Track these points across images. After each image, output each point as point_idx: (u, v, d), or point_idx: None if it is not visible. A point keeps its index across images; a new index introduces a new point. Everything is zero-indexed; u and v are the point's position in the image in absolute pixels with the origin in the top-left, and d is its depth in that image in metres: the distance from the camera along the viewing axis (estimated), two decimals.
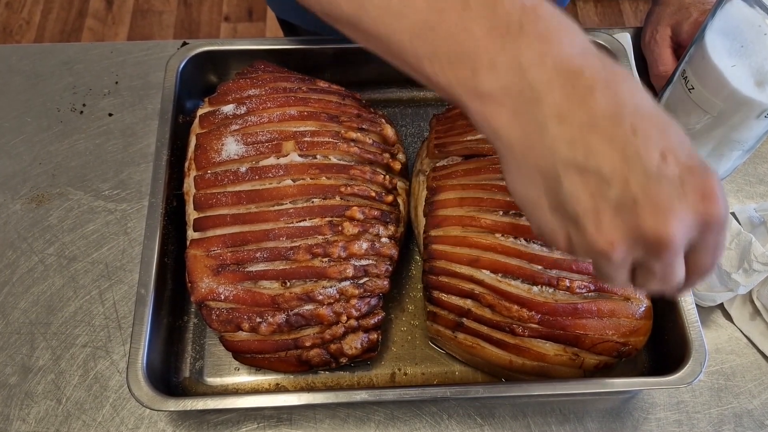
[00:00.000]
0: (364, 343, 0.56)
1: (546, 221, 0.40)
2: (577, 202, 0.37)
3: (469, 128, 0.62)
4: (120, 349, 0.62)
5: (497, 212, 0.57)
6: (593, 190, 0.37)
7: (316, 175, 0.58)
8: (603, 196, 0.36)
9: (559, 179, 0.37)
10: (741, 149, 0.64)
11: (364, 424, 0.59)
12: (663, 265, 0.38)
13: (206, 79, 0.73)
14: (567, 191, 0.37)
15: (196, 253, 0.56)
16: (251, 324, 0.54)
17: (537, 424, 0.59)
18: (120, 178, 0.71)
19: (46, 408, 0.59)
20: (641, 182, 0.35)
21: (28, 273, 0.66)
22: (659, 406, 0.60)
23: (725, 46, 0.58)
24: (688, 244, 0.37)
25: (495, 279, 0.55)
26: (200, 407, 0.53)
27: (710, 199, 0.36)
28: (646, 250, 0.37)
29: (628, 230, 0.36)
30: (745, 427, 0.59)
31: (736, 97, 0.57)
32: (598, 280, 0.54)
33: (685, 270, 0.39)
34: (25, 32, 2.00)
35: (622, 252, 0.37)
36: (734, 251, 0.61)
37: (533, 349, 0.54)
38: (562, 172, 0.37)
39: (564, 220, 0.39)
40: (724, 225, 0.37)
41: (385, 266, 0.57)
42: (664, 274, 0.39)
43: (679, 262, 0.38)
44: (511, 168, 0.40)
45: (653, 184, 0.35)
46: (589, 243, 0.38)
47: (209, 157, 0.59)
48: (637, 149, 0.35)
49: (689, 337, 0.54)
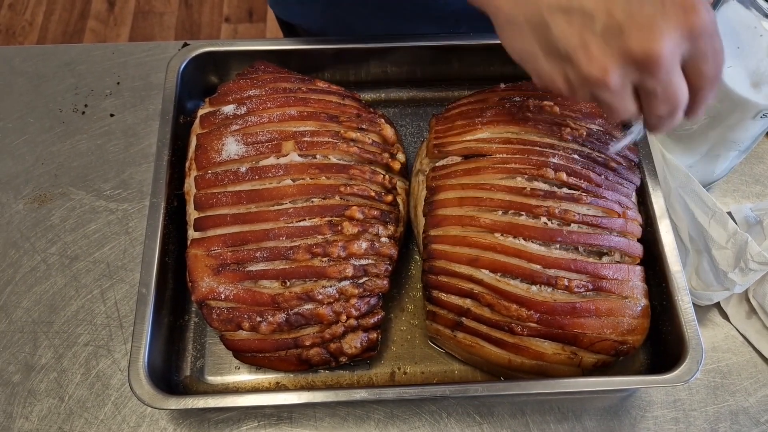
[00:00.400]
0: (364, 342, 0.56)
1: (543, 68, 0.44)
2: (567, 40, 0.41)
3: (469, 128, 0.62)
4: (121, 347, 0.62)
5: (496, 212, 0.57)
6: (579, 26, 0.40)
7: (315, 174, 0.58)
8: (590, 29, 0.40)
9: (547, 25, 0.41)
10: (737, 149, 0.64)
11: (364, 422, 0.59)
12: (661, 82, 0.40)
13: (207, 79, 0.74)
14: (556, 34, 0.41)
15: (197, 252, 0.57)
16: (251, 323, 0.54)
17: (535, 422, 0.59)
18: (121, 178, 0.72)
19: (48, 406, 0.59)
20: (624, 8, 0.39)
21: (30, 272, 0.66)
22: (656, 403, 0.60)
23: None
24: (683, 58, 0.40)
25: (494, 278, 0.55)
26: (201, 405, 0.53)
27: (691, 11, 0.39)
28: (639, 71, 0.40)
29: (618, 54, 0.40)
30: (741, 424, 0.59)
31: (732, 99, 0.58)
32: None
33: (691, 83, 0.42)
34: (27, 34, 2.01)
35: (616, 75, 0.40)
36: (730, 250, 0.62)
37: (532, 348, 0.54)
38: (549, 17, 0.41)
39: (559, 62, 0.43)
40: (711, 31, 0.40)
41: (384, 266, 0.57)
42: (666, 91, 0.41)
43: (677, 77, 0.41)
44: (504, 29, 0.45)
45: (635, 8, 0.39)
46: (585, 75, 0.41)
47: (210, 157, 0.60)
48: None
49: (686, 336, 0.54)
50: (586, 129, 0.61)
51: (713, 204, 0.64)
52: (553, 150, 0.59)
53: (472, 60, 0.75)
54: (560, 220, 0.56)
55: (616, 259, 0.57)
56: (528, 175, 0.58)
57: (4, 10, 2.06)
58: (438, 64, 0.76)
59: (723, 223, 0.63)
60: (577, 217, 0.56)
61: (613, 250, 0.57)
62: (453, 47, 0.73)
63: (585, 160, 0.59)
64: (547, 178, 0.57)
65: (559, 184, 0.58)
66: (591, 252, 0.57)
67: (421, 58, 0.75)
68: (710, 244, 0.63)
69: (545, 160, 0.58)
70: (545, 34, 0.42)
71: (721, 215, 0.63)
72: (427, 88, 0.78)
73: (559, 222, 0.56)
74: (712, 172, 0.69)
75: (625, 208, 0.58)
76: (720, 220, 0.63)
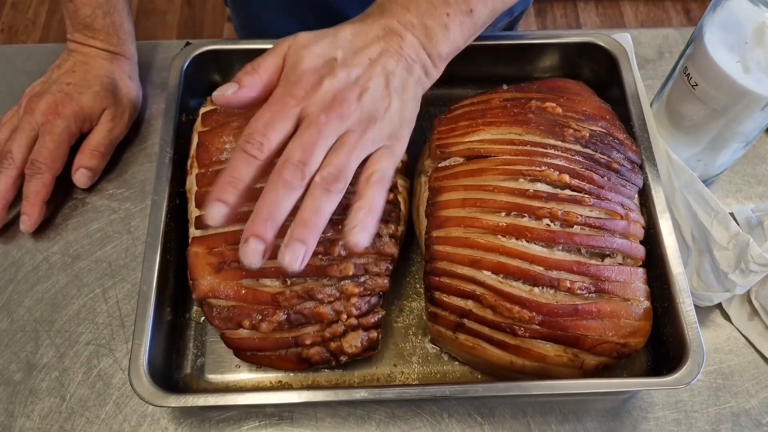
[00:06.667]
0: (364, 341, 0.56)
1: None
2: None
3: (471, 129, 0.62)
4: (123, 347, 0.62)
5: (499, 213, 0.57)
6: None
7: None
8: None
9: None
10: (743, 141, 0.64)
11: (365, 422, 0.59)
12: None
13: (210, 78, 0.74)
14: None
15: (198, 250, 0.57)
16: (252, 321, 0.54)
17: (537, 423, 0.59)
18: (124, 177, 0.72)
19: (50, 405, 0.60)
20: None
21: (32, 271, 0.66)
22: (658, 405, 0.60)
23: (728, 41, 0.58)
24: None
25: (496, 280, 0.55)
26: (201, 404, 0.53)
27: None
28: None
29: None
30: (742, 426, 0.59)
31: (740, 92, 0.58)
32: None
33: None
34: (30, 32, 2.01)
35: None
36: (732, 251, 0.62)
37: (534, 350, 0.54)
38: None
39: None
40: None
41: (385, 265, 0.57)
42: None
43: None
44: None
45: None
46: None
47: (211, 155, 0.60)
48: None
49: (687, 339, 0.54)
50: (588, 130, 0.61)
51: (716, 205, 0.64)
52: (556, 151, 0.59)
53: (476, 60, 0.75)
54: (562, 221, 0.56)
55: (619, 261, 0.57)
56: (530, 176, 0.58)
57: (7, 8, 2.06)
58: None
59: (725, 224, 0.63)
60: (579, 219, 0.56)
61: (616, 252, 0.57)
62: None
63: (587, 161, 0.59)
64: (549, 180, 0.57)
65: (562, 185, 0.58)
66: (593, 254, 0.56)
67: None
68: (712, 245, 0.63)
69: (548, 161, 0.58)
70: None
71: (724, 216, 0.63)
72: (431, 88, 0.77)
73: (561, 224, 0.56)
74: (715, 164, 0.69)
75: (627, 210, 0.58)
76: (722, 220, 0.63)
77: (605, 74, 0.72)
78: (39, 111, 0.67)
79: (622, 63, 0.69)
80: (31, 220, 0.66)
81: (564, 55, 0.74)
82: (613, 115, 0.65)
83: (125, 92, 0.72)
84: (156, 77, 0.79)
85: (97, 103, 0.69)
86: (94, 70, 0.71)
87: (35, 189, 0.65)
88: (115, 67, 0.72)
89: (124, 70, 0.73)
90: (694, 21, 2.04)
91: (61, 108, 0.67)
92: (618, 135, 0.62)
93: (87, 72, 0.70)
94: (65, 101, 0.67)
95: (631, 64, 0.69)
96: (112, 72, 0.72)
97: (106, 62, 0.72)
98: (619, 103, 0.68)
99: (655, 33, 0.84)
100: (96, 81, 0.70)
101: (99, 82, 0.70)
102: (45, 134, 0.66)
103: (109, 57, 0.72)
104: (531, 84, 0.68)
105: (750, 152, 0.74)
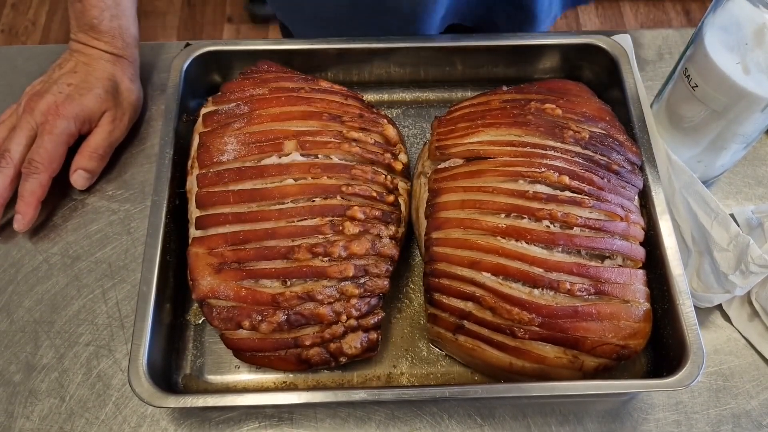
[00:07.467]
0: (364, 342, 0.56)
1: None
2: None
3: (471, 131, 0.62)
4: (122, 347, 0.62)
5: (498, 215, 0.57)
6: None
7: (317, 174, 0.58)
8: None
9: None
10: (743, 142, 0.64)
11: (364, 423, 0.59)
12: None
13: (210, 79, 0.74)
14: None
15: (198, 251, 0.57)
16: (252, 322, 0.54)
17: (537, 425, 0.59)
18: (123, 178, 0.72)
19: (49, 406, 0.59)
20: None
21: (32, 272, 0.66)
22: (658, 406, 0.60)
23: (728, 42, 0.58)
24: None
25: (496, 281, 0.55)
26: (200, 404, 0.53)
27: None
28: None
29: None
30: (743, 427, 0.59)
31: (740, 93, 0.58)
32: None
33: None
34: (30, 33, 2.01)
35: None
36: (732, 253, 0.62)
37: (533, 351, 0.54)
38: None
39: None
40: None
41: (385, 266, 0.57)
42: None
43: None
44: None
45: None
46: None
47: (212, 156, 0.60)
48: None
49: (687, 340, 0.54)
50: (588, 132, 0.61)
51: (716, 206, 0.64)
52: (556, 153, 0.59)
53: (476, 61, 0.75)
54: (562, 223, 0.56)
55: (618, 262, 0.57)
56: (530, 178, 0.58)
57: (7, 9, 2.06)
58: (441, 65, 0.76)
59: (725, 225, 0.63)
60: (579, 221, 0.56)
61: (616, 254, 0.57)
62: (456, 48, 0.73)
63: (587, 162, 0.59)
64: (549, 182, 0.57)
65: (562, 187, 0.57)
66: (593, 255, 0.56)
67: (424, 59, 0.75)
68: (712, 246, 0.63)
69: (547, 163, 0.58)
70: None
71: (724, 217, 0.63)
72: (431, 89, 0.78)
73: (561, 225, 0.56)
74: (715, 165, 0.68)
75: (627, 211, 0.58)
76: (722, 222, 0.63)
77: (605, 75, 0.72)
78: (39, 110, 0.67)
79: (622, 64, 0.69)
80: (25, 220, 0.65)
81: (564, 56, 0.74)
82: (613, 117, 0.65)
83: (126, 95, 0.72)
84: (156, 78, 0.79)
85: (98, 104, 0.69)
86: (97, 71, 0.71)
87: (31, 188, 0.65)
88: (117, 70, 0.72)
89: (126, 72, 0.73)
90: (694, 22, 2.04)
91: (61, 108, 0.67)
92: (618, 136, 0.62)
93: (89, 73, 0.70)
94: (66, 102, 0.67)
95: (632, 65, 0.69)
96: (114, 74, 0.72)
97: (109, 64, 0.72)
98: (619, 104, 0.68)
99: (655, 34, 0.84)
100: (98, 83, 0.70)
101: (101, 83, 0.70)
102: (44, 134, 0.66)
103: (112, 59, 0.72)
104: (531, 85, 0.68)
105: (750, 153, 0.74)
